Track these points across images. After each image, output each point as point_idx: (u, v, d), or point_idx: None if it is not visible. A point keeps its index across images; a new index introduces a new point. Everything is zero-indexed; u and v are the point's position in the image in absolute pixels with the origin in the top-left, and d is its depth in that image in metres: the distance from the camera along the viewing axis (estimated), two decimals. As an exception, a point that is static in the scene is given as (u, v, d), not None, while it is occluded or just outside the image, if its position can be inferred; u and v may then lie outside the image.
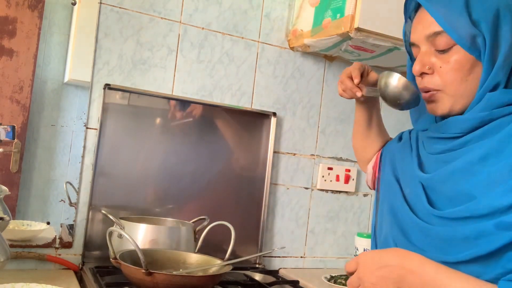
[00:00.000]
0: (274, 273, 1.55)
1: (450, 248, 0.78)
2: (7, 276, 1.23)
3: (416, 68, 0.84)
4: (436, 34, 0.81)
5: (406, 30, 0.93)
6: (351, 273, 0.80)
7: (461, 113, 0.84)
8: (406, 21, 0.93)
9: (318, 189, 1.80)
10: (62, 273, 1.37)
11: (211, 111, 1.61)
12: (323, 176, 1.79)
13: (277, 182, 1.73)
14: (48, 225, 1.41)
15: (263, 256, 1.68)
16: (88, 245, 1.43)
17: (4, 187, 1.18)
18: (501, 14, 0.78)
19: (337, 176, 1.82)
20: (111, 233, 1.19)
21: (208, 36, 1.61)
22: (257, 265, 1.65)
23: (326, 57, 1.79)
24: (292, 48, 1.72)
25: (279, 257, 1.74)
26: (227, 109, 1.63)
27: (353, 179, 1.85)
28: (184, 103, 1.57)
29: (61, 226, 1.44)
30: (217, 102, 1.62)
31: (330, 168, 1.80)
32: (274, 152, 1.70)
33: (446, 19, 0.79)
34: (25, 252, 1.36)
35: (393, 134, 1.92)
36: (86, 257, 1.42)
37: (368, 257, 0.78)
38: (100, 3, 1.45)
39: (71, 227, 1.43)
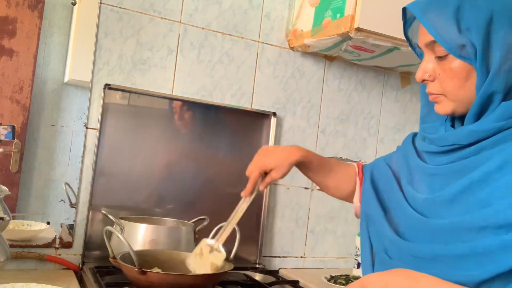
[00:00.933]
0: (274, 273, 1.55)
1: (468, 264, 0.75)
2: (7, 276, 1.23)
3: (418, 75, 0.86)
4: (432, 42, 0.82)
5: (408, 35, 0.95)
6: None
7: (465, 114, 0.84)
8: (407, 27, 0.94)
9: (318, 189, 1.80)
10: (62, 273, 1.37)
11: (211, 111, 1.61)
12: (323, 176, 1.79)
13: (277, 182, 1.73)
14: (48, 225, 1.42)
15: (264, 256, 1.68)
16: (88, 245, 1.43)
17: (4, 187, 1.18)
18: (494, 19, 0.77)
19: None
20: (110, 233, 1.19)
21: (208, 36, 1.61)
22: (257, 265, 1.65)
23: (326, 57, 1.79)
24: (292, 48, 1.72)
25: (279, 257, 1.74)
26: (227, 109, 1.63)
27: (353, 179, 1.84)
28: (184, 103, 1.57)
29: (61, 226, 1.44)
30: (217, 102, 1.62)
31: (330, 168, 1.80)
32: (274, 152, 1.70)
33: (436, 28, 0.79)
34: (25, 252, 1.36)
35: (392, 135, 1.92)
36: (86, 257, 1.42)
37: (373, 280, 0.74)
38: (100, 3, 1.45)
39: (71, 227, 1.43)
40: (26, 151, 1.38)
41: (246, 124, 1.67)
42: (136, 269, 1.08)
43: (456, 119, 0.89)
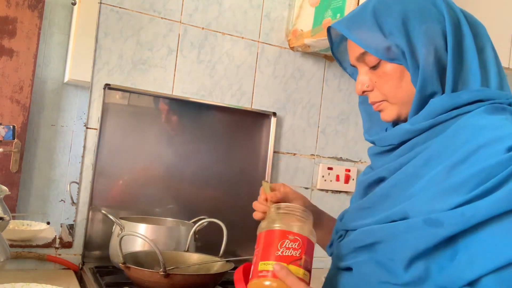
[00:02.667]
0: (274, 273, 1.55)
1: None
2: (7, 276, 1.23)
3: (358, 88, 0.90)
4: (362, 54, 0.86)
5: (337, 56, 1.00)
6: None
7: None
8: (334, 48, 0.99)
9: (318, 189, 1.80)
10: (62, 273, 1.37)
11: (211, 111, 1.61)
12: (323, 176, 1.79)
13: (277, 182, 1.72)
14: (48, 225, 1.42)
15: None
16: (88, 245, 1.43)
17: (4, 187, 1.18)
18: (409, 20, 0.82)
19: (337, 176, 1.82)
20: (121, 238, 1.17)
21: (208, 36, 1.61)
22: (257, 265, 1.65)
23: (326, 57, 1.79)
24: (292, 48, 1.72)
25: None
26: (227, 109, 1.63)
27: (353, 179, 1.84)
28: (184, 103, 1.57)
29: (61, 226, 1.44)
30: (217, 102, 1.62)
31: (330, 168, 1.80)
32: (274, 152, 1.70)
33: (363, 40, 0.84)
34: (25, 252, 1.36)
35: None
36: (86, 257, 1.42)
37: None
38: (100, 3, 1.45)
39: (71, 227, 1.43)
40: (26, 151, 1.38)
41: (246, 124, 1.67)
42: (161, 272, 1.07)
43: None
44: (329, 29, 0.96)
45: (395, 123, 0.91)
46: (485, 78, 0.83)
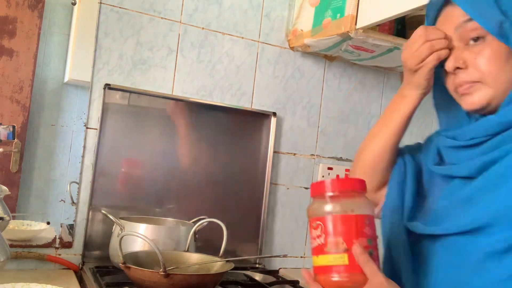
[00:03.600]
0: (274, 273, 1.55)
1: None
2: (7, 276, 1.23)
3: (450, 64, 0.80)
4: (465, 22, 0.77)
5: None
6: None
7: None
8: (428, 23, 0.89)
9: (318, 189, 1.80)
10: (62, 273, 1.37)
11: (211, 111, 1.61)
12: (323, 176, 1.79)
13: (277, 182, 1.73)
14: (48, 225, 1.41)
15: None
16: (88, 245, 1.43)
17: (4, 187, 1.18)
18: None
19: (337, 176, 1.82)
20: (121, 238, 1.17)
21: (208, 36, 1.61)
22: (257, 265, 1.65)
23: (326, 57, 1.79)
24: (292, 48, 1.72)
25: (279, 257, 1.73)
26: (227, 109, 1.63)
27: (353, 179, 1.84)
28: (184, 103, 1.57)
29: (61, 226, 1.44)
30: (217, 102, 1.62)
31: (330, 168, 1.80)
32: (274, 152, 1.70)
33: (473, 7, 0.76)
34: (25, 252, 1.36)
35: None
36: (86, 257, 1.42)
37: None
38: (100, 3, 1.45)
39: (71, 227, 1.43)
40: (26, 151, 1.38)
41: (246, 124, 1.67)
42: (161, 272, 1.07)
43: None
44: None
45: (476, 118, 0.82)
46: None
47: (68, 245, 1.42)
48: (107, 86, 1.45)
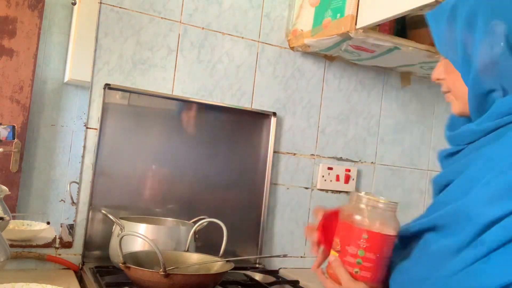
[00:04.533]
0: (274, 273, 1.56)
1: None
2: (7, 276, 1.23)
3: (432, 76, 0.90)
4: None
5: None
6: None
7: None
8: None
9: (318, 189, 1.80)
10: (62, 273, 1.37)
11: (211, 111, 1.61)
12: (323, 176, 1.79)
13: (277, 182, 1.73)
14: (48, 225, 1.42)
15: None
16: (88, 245, 1.43)
17: (4, 187, 1.18)
18: (476, 16, 0.80)
19: (337, 176, 1.82)
20: (121, 238, 1.16)
21: (208, 36, 1.61)
22: (257, 265, 1.65)
23: (326, 57, 1.79)
24: (292, 48, 1.72)
25: (279, 257, 1.73)
26: (227, 109, 1.63)
27: (353, 179, 1.84)
28: (184, 103, 1.57)
29: (61, 226, 1.44)
30: (217, 102, 1.62)
31: (330, 168, 1.80)
32: (274, 152, 1.70)
33: (435, 29, 0.86)
34: (25, 252, 1.36)
35: (392, 135, 1.92)
36: (86, 257, 1.42)
37: None
38: (100, 3, 1.45)
39: (71, 227, 1.43)
40: (26, 151, 1.38)
41: (246, 124, 1.67)
42: (161, 272, 1.07)
43: None
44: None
45: (468, 120, 0.88)
46: None
47: (68, 245, 1.42)
48: (107, 86, 1.45)
